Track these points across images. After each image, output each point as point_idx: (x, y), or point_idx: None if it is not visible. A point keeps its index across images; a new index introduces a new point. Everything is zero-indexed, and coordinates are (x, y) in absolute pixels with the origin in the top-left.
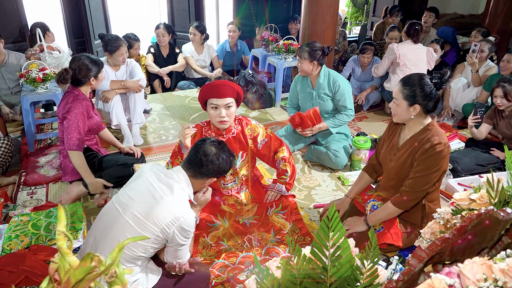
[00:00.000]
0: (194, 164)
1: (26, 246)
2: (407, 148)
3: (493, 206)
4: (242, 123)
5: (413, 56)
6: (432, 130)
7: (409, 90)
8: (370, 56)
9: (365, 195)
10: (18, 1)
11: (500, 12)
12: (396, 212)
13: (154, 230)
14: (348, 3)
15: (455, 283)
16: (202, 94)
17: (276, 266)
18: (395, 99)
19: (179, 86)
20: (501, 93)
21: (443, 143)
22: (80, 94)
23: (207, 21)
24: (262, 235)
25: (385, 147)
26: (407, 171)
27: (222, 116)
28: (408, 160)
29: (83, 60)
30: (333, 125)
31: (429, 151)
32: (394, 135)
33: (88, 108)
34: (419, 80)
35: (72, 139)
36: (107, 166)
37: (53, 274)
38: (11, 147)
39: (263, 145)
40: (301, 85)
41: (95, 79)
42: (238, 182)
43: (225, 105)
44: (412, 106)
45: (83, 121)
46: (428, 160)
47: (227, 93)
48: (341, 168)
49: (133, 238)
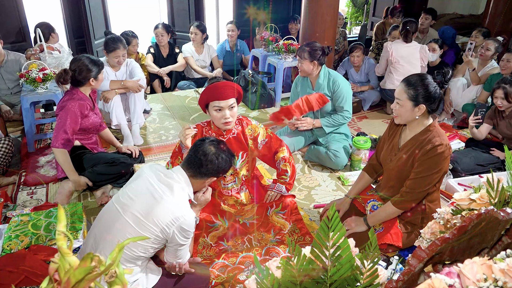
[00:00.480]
0: (193, 164)
1: (26, 246)
2: (408, 148)
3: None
4: (243, 123)
5: (406, 53)
6: (434, 131)
7: (414, 90)
8: (360, 55)
9: (365, 195)
10: (18, 1)
11: (500, 12)
12: (396, 212)
13: (154, 230)
14: (348, 3)
15: (455, 283)
16: (205, 96)
17: (276, 266)
18: (398, 99)
19: (179, 86)
20: (501, 95)
21: (444, 144)
22: (77, 94)
23: (207, 21)
24: (262, 235)
25: (385, 148)
26: (408, 172)
27: (226, 118)
28: (409, 160)
29: (83, 61)
30: (327, 124)
31: (430, 152)
32: (394, 135)
33: (82, 107)
34: (423, 80)
35: (57, 137)
36: (94, 164)
37: (53, 274)
38: (11, 147)
39: (263, 145)
40: (301, 85)
41: (94, 80)
42: (238, 183)
43: (229, 106)
44: (417, 107)
45: (74, 121)
46: (429, 161)
47: (230, 94)
48: (341, 168)
49: (133, 238)
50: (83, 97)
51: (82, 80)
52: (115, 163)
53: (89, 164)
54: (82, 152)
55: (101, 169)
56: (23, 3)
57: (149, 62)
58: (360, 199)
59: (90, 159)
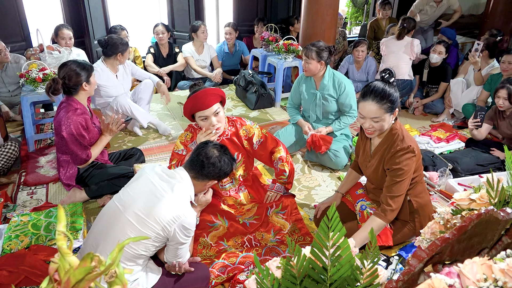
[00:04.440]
0: (195, 166)
1: (26, 246)
2: (378, 155)
3: (493, 206)
4: (236, 124)
5: (396, 48)
6: (398, 133)
7: (388, 101)
8: (365, 50)
9: (355, 194)
10: (18, 1)
11: (500, 12)
12: (384, 224)
13: (155, 228)
14: (348, 3)
15: (455, 283)
16: (189, 109)
17: (276, 266)
18: (377, 118)
19: (179, 86)
20: (505, 95)
21: (407, 145)
22: (79, 108)
23: (207, 21)
24: (262, 235)
25: (361, 152)
26: (382, 177)
27: (214, 125)
28: (380, 167)
29: (70, 66)
30: (338, 129)
31: (396, 156)
32: (366, 141)
33: (87, 121)
34: (384, 88)
35: (78, 157)
36: (97, 182)
37: (53, 274)
38: (16, 152)
39: (258, 145)
40: (305, 85)
41: (87, 84)
42: (235, 183)
43: (213, 113)
44: (392, 114)
45: (82, 136)
46: (397, 165)
47: (212, 100)
48: (341, 168)
49: (133, 238)
50: (81, 108)
51: (74, 86)
52: (113, 178)
53: (96, 180)
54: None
55: (101, 188)
56: (23, 3)
57: (149, 62)
58: (350, 198)
59: (97, 176)
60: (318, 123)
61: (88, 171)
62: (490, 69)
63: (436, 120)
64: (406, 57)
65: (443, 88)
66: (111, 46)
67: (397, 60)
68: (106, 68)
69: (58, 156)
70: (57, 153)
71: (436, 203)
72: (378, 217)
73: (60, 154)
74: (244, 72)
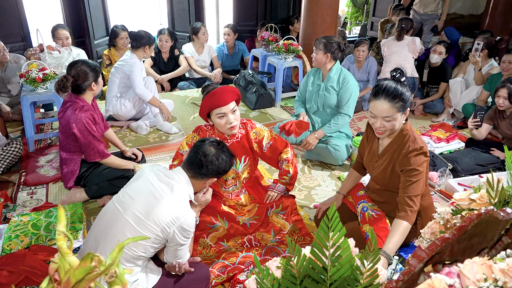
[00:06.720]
0: (194, 165)
1: (26, 246)
2: (387, 155)
3: (493, 206)
4: (247, 127)
5: (398, 48)
6: (409, 134)
7: (400, 100)
8: (366, 50)
9: (356, 195)
10: (18, 1)
11: (500, 12)
12: (409, 227)
13: (155, 229)
14: (348, 3)
15: (455, 283)
16: (207, 106)
17: (276, 266)
18: (388, 117)
19: (179, 86)
20: (505, 94)
21: (419, 146)
22: (85, 105)
23: (207, 21)
24: (262, 236)
25: (366, 152)
26: (390, 178)
27: (231, 122)
28: (389, 167)
29: (81, 66)
30: (329, 131)
31: (410, 157)
32: (373, 140)
33: (93, 116)
34: (397, 87)
35: (96, 149)
36: (97, 182)
37: (53, 274)
38: (21, 151)
39: (268, 148)
40: (313, 77)
41: (96, 84)
42: (239, 186)
43: (231, 110)
44: (403, 113)
45: (93, 130)
46: (412, 165)
47: (230, 98)
48: (341, 163)
49: (133, 238)
50: (87, 105)
51: (83, 85)
52: (111, 180)
53: (96, 180)
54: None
55: (102, 188)
56: (23, 3)
57: (147, 66)
58: (352, 200)
59: (98, 176)
60: (317, 115)
61: (89, 170)
62: (489, 68)
63: (436, 120)
64: (409, 55)
65: (443, 88)
66: (140, 38)
67: (400, 59)
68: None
69: (61, 154)
70: (61, 152)
71: (436, 203)
72: (402, 220)
73: (65, 153)
74: (244, 72)
